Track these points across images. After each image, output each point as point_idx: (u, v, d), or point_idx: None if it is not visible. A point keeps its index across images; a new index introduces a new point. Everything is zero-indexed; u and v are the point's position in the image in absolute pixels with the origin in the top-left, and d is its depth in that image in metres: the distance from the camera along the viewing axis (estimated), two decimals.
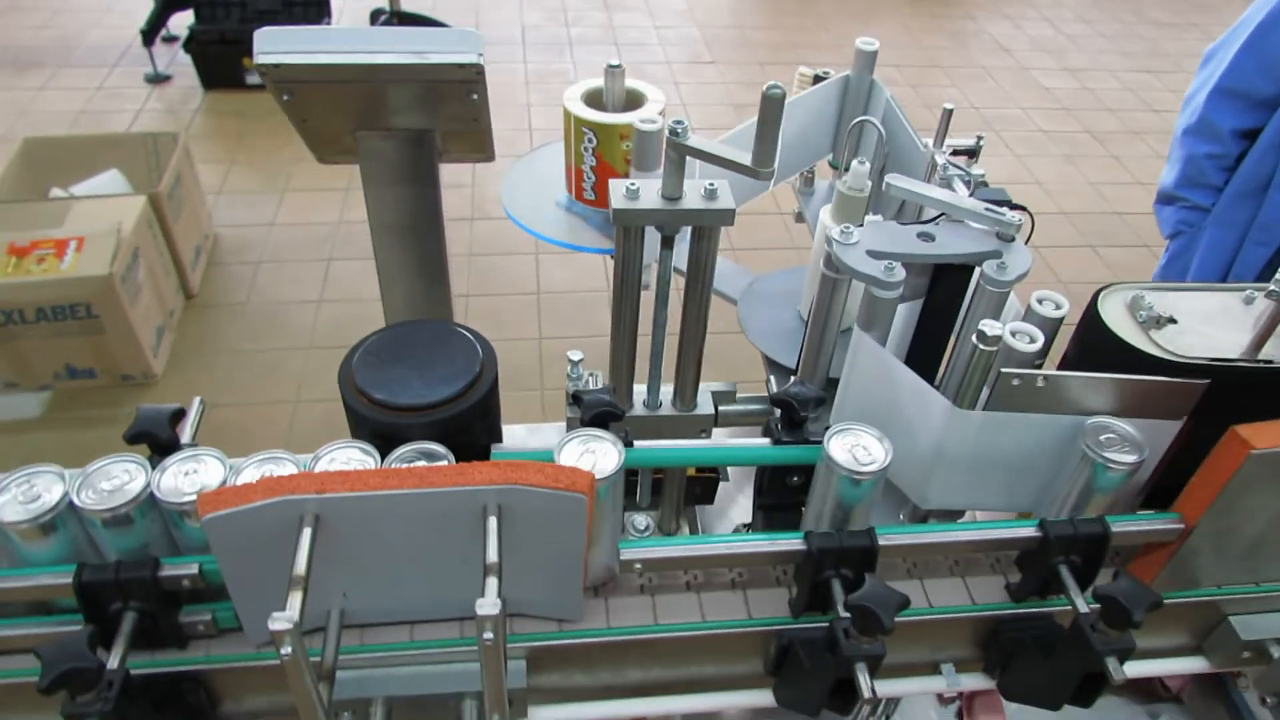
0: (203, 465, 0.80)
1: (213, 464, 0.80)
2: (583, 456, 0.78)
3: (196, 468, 0.80)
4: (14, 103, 4.03)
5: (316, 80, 0.96)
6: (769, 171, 0.88)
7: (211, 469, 0.80)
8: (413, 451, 0.80)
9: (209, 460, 0.81)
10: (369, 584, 0.79)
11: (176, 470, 0.80)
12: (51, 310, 2.50)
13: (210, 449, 0.83)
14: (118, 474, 0.80)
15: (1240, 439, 0.78)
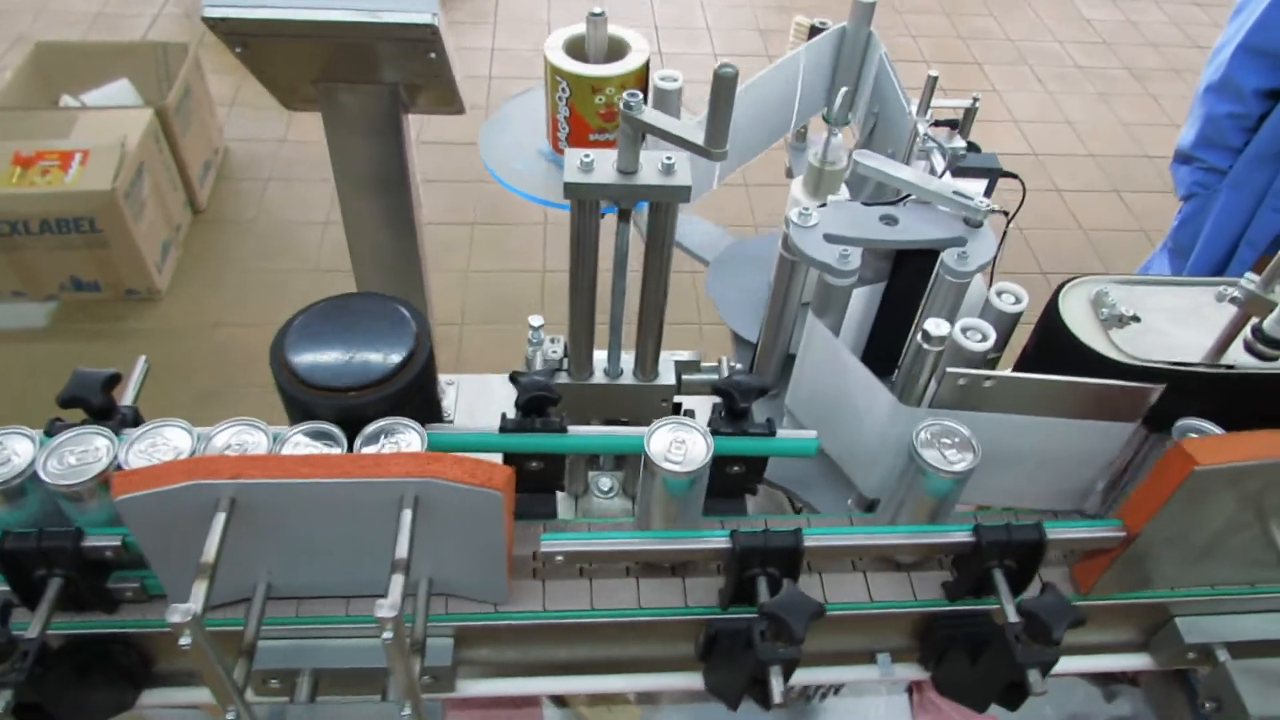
0: (165, 438, 0.79)
1: (178, 436, 0.80)
2: (672, 447, 0.76)
3: (157, 441, 0.80)
4: (32, 1, 3.98)
5: (267, 34, 0.93)
6: (721, 153, 0.85)
7: (177, 440, 0.79)
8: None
9: (173, 433, 0.80)
10: (292, 562, 0.80)
11: (141, 445, 0.79)
12: (55, 223, 2.51)
13: (176, 421, 0.82)
14: (84, 446, 0.78)
15: (1185, 454, 0.76)
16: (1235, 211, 1.70)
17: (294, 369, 0.80)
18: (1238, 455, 0.75)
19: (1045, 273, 2.91)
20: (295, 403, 0.81)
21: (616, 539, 0.80)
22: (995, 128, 3.48)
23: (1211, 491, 0.78)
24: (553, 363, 1.13)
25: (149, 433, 0.80)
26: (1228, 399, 0.85)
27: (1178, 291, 0.91)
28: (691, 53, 3.77)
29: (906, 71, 3.94)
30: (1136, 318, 0.87)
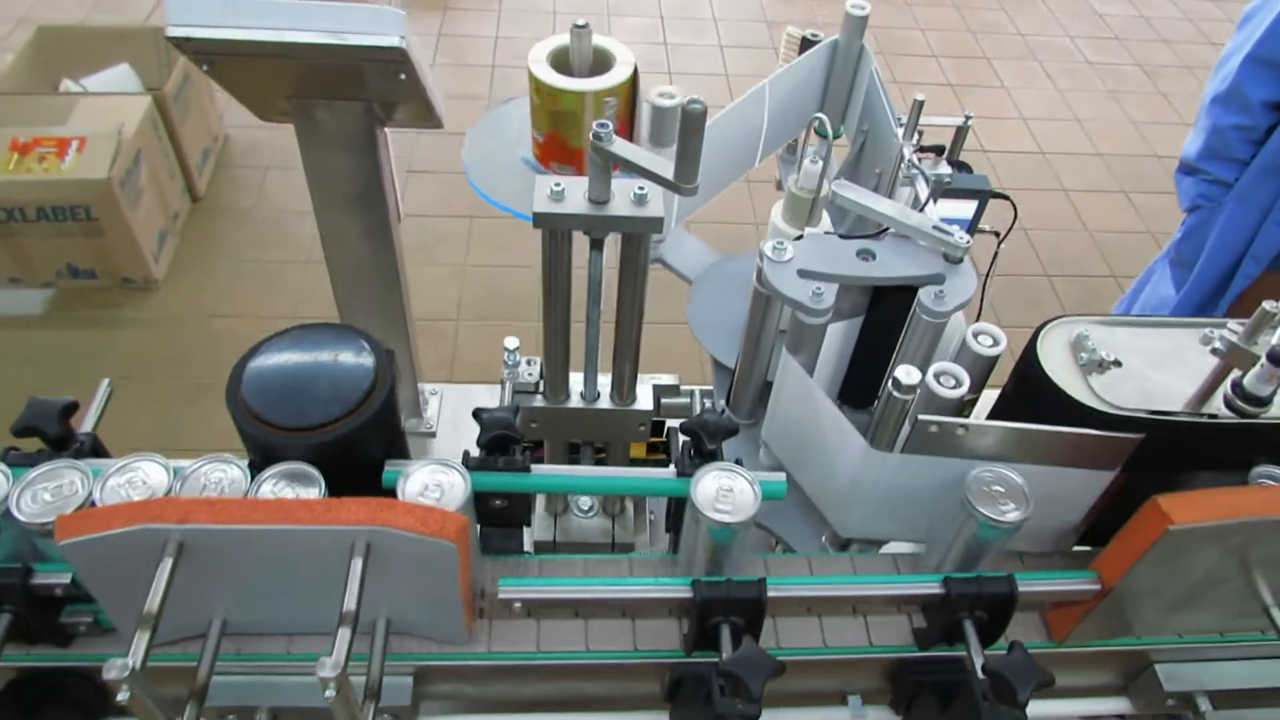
0: (142, 474, 0.78)
1: (154, 472, 0.78)
2: (720, 496, 0.75)
3: (134, 478, 0.78)
4: None
5: (233, 54, 0.91)
6: (691, 188, 0.83)
7: (153, 477, 0.78)
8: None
9: (150, 468, 0.78)
10: (249, 600, 0.79)
11: (118, 479, 0.77)
12: (52, 210, 2.50)
13: (153, 456, 0.80)
14: (59, 481, 0.77)
15: (1160, 511, 0.74)
16: (1240, 225, 1.66)
17: (250, 407, 0.78)
18: (1214, 514, 0.73)
19: (1049, 275, 2.88)
20: (252, 440, 0.80)
21: (576, 586, 0.78)
22: (1003, 125, 3.43)
23: (1188, 549, 0.76)
24: (528, 385, 1.12)
25: (125, 468, 0.79)
26: (1210, 448, 0.83)
27: (1160, 333, 0.88)
28: (697, 44, 3.73)
29: (914, 67, 3.93)
30: (1117, 362, 0.85)
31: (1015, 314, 2.73)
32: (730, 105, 1.16)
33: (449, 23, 3.80)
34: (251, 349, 0.83)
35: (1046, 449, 0.81)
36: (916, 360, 0.91)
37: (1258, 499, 0.74)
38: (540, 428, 1.15)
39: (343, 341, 0.84)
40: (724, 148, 1.19)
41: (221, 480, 0.78)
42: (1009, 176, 3.20)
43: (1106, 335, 0.87)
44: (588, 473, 0.84)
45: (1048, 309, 2.77)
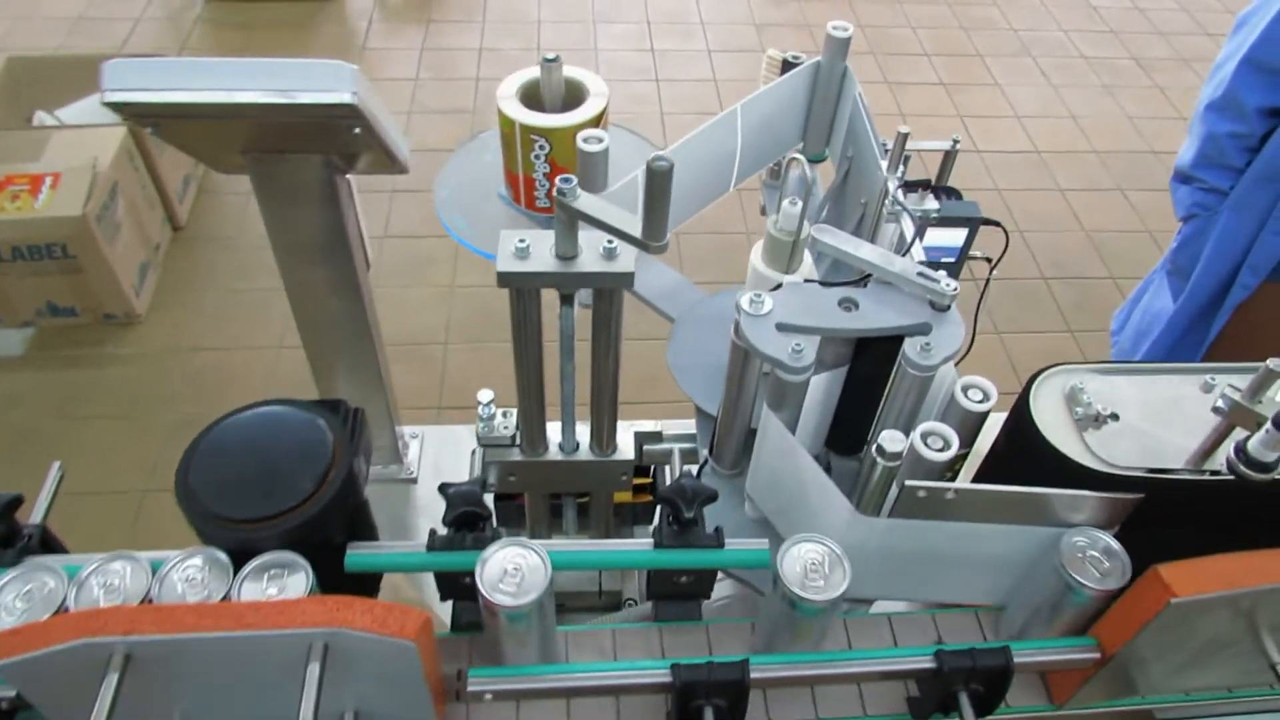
0: (124, 574, 0.74)
1: (132, 572, 0.74)
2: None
3: (113, 581, 0.74)
4: (9, 6, 3.92)
5: (177, 116, 0.87)
6: (660, 246, 0.78)
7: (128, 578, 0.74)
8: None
9: (133, 568, 0.74)
10: (206, 703, 0.75)
11: (96, 580, 0.74)
12: (27, 249, 2.46)
13: (128, 555, 0.75)
14: (32, 584, 0.73)
15: (1162, 583, 0.70)
16: (1236, 234, 1.61)
17: (199, 498, 0.74)
18: (1218, 584, 0.69)
19: (1045, 278, 2.83)
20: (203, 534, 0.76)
21: (549, 674, 0.74)
22: (997, 124, 3.38)
23: (1191, 620, 0.72)
24: (504, 439, 1.07)
25: (100, 569, 0.75)
26: (1214, 507, 0.79)
27: (1159, 381, 0.84)
28: (685, 49, 3.68)
29: (906, 66, 3.86)
30: (1114, 415, 0.80)
31: (1011, 319, 2.69)
32: (700, 128, 1.11)
33: (432, 36, 3.76)
34: (198, 436, 0.79)
35: (1040, 510, 0.77)
36: (903, 415, 0.87)
37: (1262, 566, 0.69)
38: (519, 481, 1.11)
39: (298, 421, 0.80)
40: (695, 172, 1.15)
41: (199, 577, 0.74)
42: (1003, 177, 3.15)
43: (1103, 385, 0.83)
44: (566, 546, 0.80)
45: (1045, 313, 2.73)
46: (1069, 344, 2.63)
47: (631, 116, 3.30)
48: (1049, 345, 2.63)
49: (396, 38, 3.74)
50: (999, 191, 3.09)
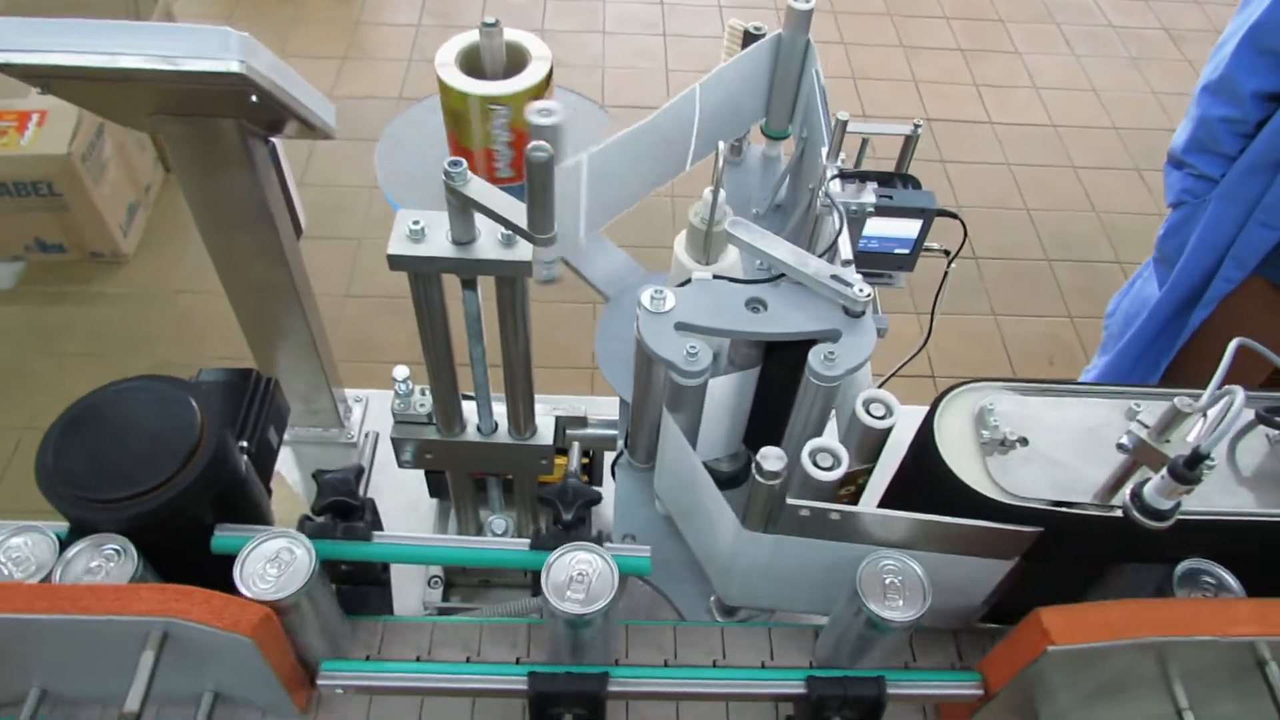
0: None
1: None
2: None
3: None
4: None
5: (64, 78, 0.83)
6: (547, 239, 0.74)
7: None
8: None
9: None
10: (64, 675, 0.74)
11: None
12: (14, 185, 2.44)
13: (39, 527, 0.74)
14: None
15: (1041, 628, 0.66)
16: (1223, 224, 1.51)
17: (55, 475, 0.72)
18: (1099, 634, 0.65)
19: (1050, 259, 2.75)
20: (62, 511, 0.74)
21: (403, 672, 0.72)
22: (1014, 95, 3.26)
23: (1068, 668, 0.68)
24: (420, 417, 1.05)
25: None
26: (1119, 544, 0.74)
27: (1078, 405, 0.79)
28: (692, 3, 3.55)
29: (923, 29, 3.71)
30: (1024, 440, 0.76)
31: (1009, 302, 2.62)
32: (661, 109, 1.06)
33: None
34: (65, 411, 0.76)
35: (933, 537, 0.73)
36: (810, 424, 0.83)
37: (1149, 618, 0.65)
38: (436, 459, 1.08)
39: (166, 399, 0.77)
40: (653, 151, 1.10)
41: (26, 554, 0.72)
42: (1015, 151, 3.05)
43: (1016, 406, 0.78)
44: (436, 541, 0.77)
45: (1046, 296, 2.65)
46: (1067, 330, 2.56)
47: (634, 73, 3.22)
48: (1046, 330, 2.56)
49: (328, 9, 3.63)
50: (1009, 166, 2.99)
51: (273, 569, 0.69)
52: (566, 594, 0.68)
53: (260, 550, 0.70)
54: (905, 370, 1.29)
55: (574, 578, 0.69)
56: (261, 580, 0.68)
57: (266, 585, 0.67)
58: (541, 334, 2.38)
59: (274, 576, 0.68)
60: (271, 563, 0.69)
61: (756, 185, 1.32)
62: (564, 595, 0.67)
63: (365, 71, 3.27)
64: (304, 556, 0.69)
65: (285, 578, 0.68)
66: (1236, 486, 0.77)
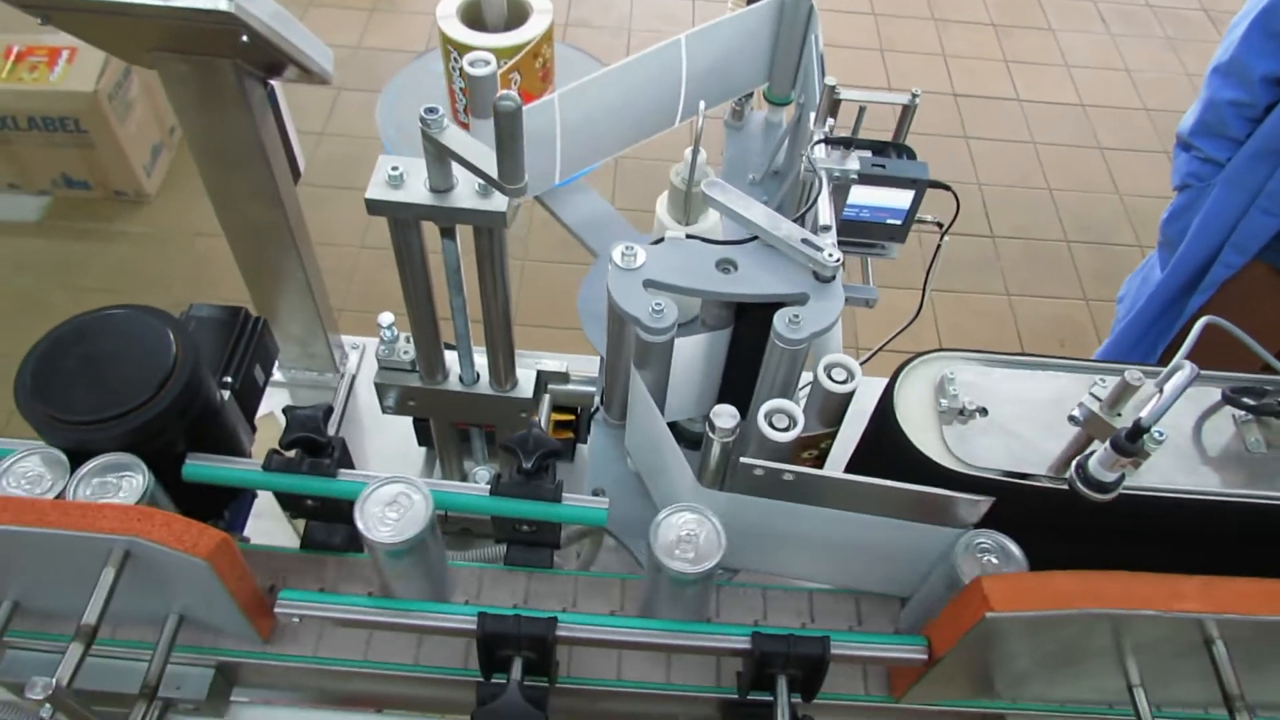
0: None
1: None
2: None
3: None
4: None
5: (62, 9, 0.85)
6: (518, 188, 0.75)
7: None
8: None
9: None
10: (33, 594, 0.76)
11: None
12: (43, 120, 2.48)
13: None
14: None
15: (981, 595, 0.67)
16: (1226, 209, 1.49)
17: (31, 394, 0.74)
18: (1041, 603, 0.66)
19: (1069, 240, 2.72)
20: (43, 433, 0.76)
21: (357, 606, 0.74)
22: (1044, 72, 3.20)
23: (1007, 635, 0.69)
24: (403, 364, 1.06)
25: None
26: (1071, 517, 0.75)
27: (1042, 377, 0.80)
28: None
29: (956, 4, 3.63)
30: (983, 411, 0.77)
31: (1024, 282, 2.59)
32: (637, 55, 1.06)
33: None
34: (48, 332, 0.79)
35: (888, 504, 0.74)
36: (776, 386, 0.83)
37: (1092, 590, 0.66)
38: (418, 407, 1.10)
39: (146, 329, 0.79)
40: (635, 100, 1.10)
41: (38, 473, 0.75)
42: (1042, 130, 3.00)
43: (977, 377, 0.79)
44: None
45: (1063, 277, 2.63)
46: (1081, 313, 2.54)
47: (660, 36, 3.18)
48: (1060, 312, 2.54)
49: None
50: (1034, 145, 2.95)
51: (392, 513, 0.70)
52: (675, 553, 0.69)
53: (378, 494, 0.70)
54: (910, 346, 1.30)
55: (682, 537, 0.71)
56: (382, 524, 0.69)
57: (387, 529, 0.68)
58: (539, 292, 2.39)
59: (393, 520, 0.69)
60: (390, 506, 0.70)
61: (757, 151, 1.32)
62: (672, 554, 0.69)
63: (392, 23, 3.28)
64: (421, 503, 0.70)
65: (403, 522, 0.69)
66: (1199, 466, 0.77)
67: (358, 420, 1.40)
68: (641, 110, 1.11)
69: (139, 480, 0.74)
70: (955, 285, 2.49)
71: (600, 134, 1.06)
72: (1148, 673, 0.76)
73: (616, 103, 1.05)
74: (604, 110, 1.03)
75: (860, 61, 3.10)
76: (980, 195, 2.79)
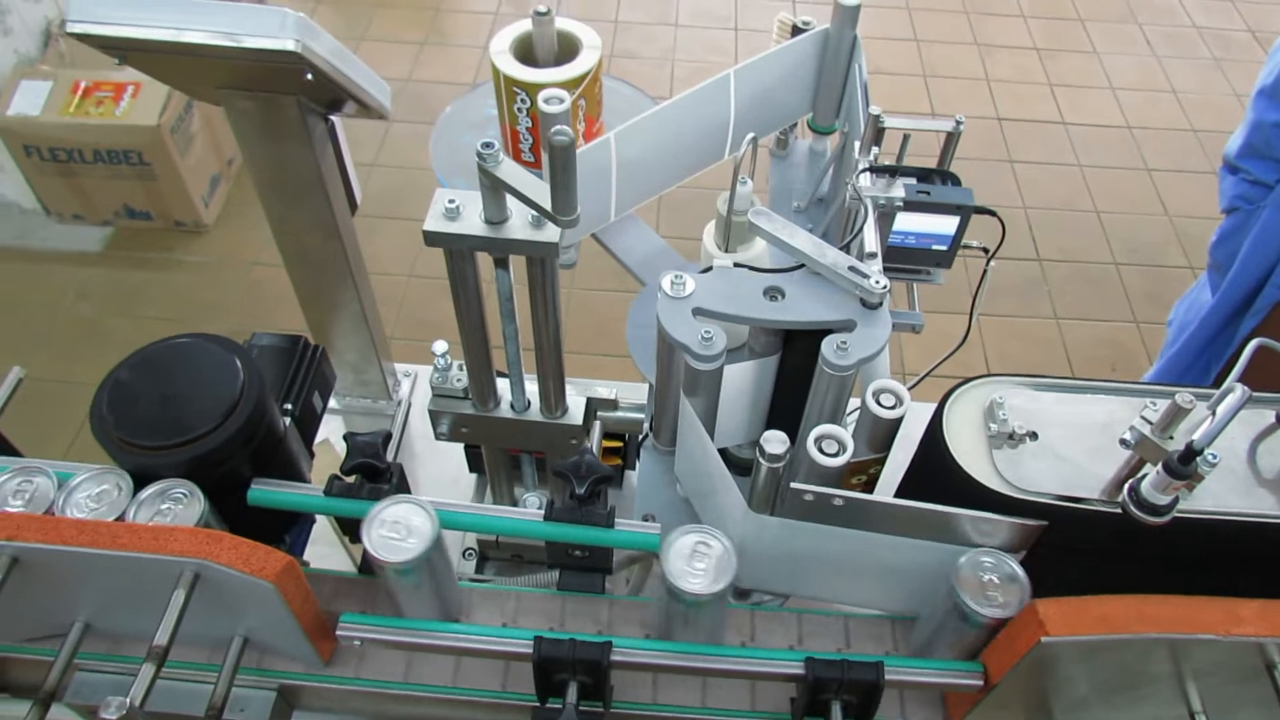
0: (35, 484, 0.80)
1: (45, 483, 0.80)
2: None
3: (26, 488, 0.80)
4: None
5: (136, 50, 0.89)
6: (570, 220, 0.77)
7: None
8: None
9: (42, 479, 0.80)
10: (102, 617, 0.79)
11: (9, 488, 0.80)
12: (107, 153, 2.57)
13: (42, 468, 0.80)
14: None
15: (1037, 619, 0.67)
16: (1276, 231, 1.49)
17: (106, 422, 0.78)
18: (1096, 627, 0.66)
19: (1117, 263, 2.69)
20: (115, 457, 0.79)
21: (419, 630, 0.76)
22: (1088, 95, 3.18)
23: (1063, 660, 0.69)
24: (456, 391, 1.09)
25: (15, 476, 0.80)
26: (1125, 541, 0.75)
27: (1093, 401, 0.80)
28: None
29: (999, 27, 3.65)
30: (1033, 435, 0.77)
31: (1073, 305, 2.57)
32: (686, 93, 1.08)
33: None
34: (121, 362, 0.82)
35: (937, 528, 0.74)
36: (825, 412, 0.84)
37: (1149, 614, 0.66)
38: (471, 434, 1.12)
39: (213, 356, 0.82)
40: (685, 136, 1.12)
41: (102, 495, 0.78)
42: (1087, 152, 2.98)
43: (1027, 402, 0.79)
44: (456, 507, 0.81)
45: (1111, 300, 2.60)
46: (1132, 336, 2.51)
47: (704, 67, 3.23)
48: (1109, 335, 2.51)
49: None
50: (1080, 167, 2.93)
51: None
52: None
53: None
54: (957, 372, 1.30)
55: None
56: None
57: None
58: (591, 321, 2.42)
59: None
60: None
61: (801, 179, 1.33)
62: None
63: (442, 57, 3.35)
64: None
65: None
66: (1255, 488, 0.77)
67: (410, 447, 1.43)
68: (692, 146, 1.13)
69: (196, 507, 0.77)
70: (1002, 310, 2.47)
71: (653, 171, 1.09)
72: (1209, 699, 0.75)
73: (669, 139, 1.07)
74: (657, 147, 1.05)
75: (903, 88, 3.11)
76: (1026, 219, 2.77)
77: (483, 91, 1.35)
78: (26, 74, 2.63)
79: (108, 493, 0.78)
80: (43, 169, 2.63)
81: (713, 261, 0.86)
